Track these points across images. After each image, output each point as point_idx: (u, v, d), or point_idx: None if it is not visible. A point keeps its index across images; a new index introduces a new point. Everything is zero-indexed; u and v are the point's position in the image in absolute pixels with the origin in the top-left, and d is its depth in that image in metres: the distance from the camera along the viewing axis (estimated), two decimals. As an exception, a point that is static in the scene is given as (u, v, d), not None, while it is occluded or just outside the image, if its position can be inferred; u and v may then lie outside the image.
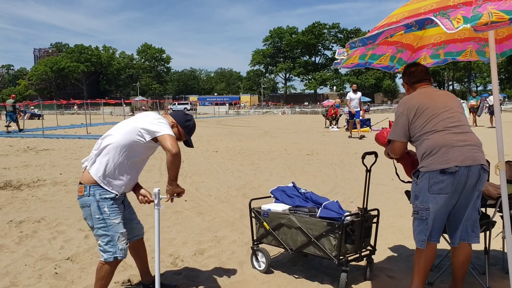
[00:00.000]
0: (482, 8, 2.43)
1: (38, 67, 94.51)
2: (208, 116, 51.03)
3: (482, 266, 3.82)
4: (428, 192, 3.07)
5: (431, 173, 3.05)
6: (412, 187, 3.24)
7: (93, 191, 3.17)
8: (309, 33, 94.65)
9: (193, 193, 7.29)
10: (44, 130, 20.63)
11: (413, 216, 3.22)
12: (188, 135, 3.43)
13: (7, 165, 10.48)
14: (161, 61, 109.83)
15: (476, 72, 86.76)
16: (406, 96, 3.36)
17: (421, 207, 3.13)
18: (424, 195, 3.10)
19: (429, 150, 3.07)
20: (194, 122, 3.49)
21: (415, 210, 3.18)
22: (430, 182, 3.05)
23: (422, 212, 3.13)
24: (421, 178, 3.12)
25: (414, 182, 3.21)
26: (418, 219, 3.17)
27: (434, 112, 3.14)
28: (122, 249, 3.18)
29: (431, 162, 3.05)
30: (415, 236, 3.22)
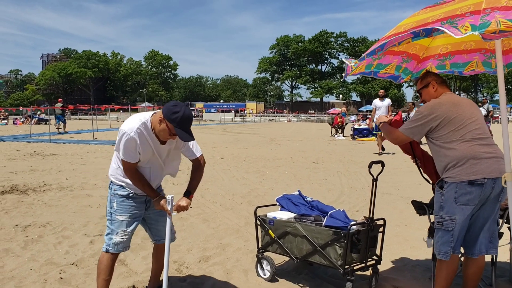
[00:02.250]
0: (490, 17, 2.43)
1: (46, 72, 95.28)
2: (214, 123, 51.12)
3: (489, 278, 3.79)
4: (454, 203, 3.03)
5: (459, 184, 3.02)
6: (437, 197, 3.17)
7: (111, 185, 3.34)
8: (315, 42, 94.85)
9: (198, 200, 7.29)
10: (51, 135, 20.74)
11: (437, 227, 3.15)
12: (180, 128, 3.06)
13: (14, 170, 10.54)
14: (168, 68, 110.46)
15: (483, 82, 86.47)
16: (435, 100, 3.25)
17: (446, 218, 3.08)
18: (450, 205, 3.05)
19: (456, 161, 3.05)
20: (185, 113, 3.06)
21: (440, 221, 3.12)
22: (458, 193, 3.02)
23: (448, 223, 3.07)
24: (447, 189, 3.07)
25: (439, 192, 3.14)
26: (443, 230, 3.10)
27: (462, 122, 3.11)
28: (116, 243, 3.24)
29: (459, 173, 3.02)
30: (437, 247, 3.15)
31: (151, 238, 3.57)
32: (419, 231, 5.38)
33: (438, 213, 3.13)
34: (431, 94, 3.35)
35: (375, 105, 13.84)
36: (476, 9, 2.54)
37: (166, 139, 3.24)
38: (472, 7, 2.58)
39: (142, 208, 3.38)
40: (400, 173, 10.15)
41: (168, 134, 3.14)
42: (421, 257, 4.58)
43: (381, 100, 13.77)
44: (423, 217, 3.89)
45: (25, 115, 44.15)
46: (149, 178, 3.34)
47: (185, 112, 3.06)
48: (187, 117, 3.07)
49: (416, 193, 7.60)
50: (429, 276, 3.94)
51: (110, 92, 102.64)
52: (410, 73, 3.96)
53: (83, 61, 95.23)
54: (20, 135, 23.41)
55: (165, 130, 3.12)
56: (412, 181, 8.88)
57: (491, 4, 2.54)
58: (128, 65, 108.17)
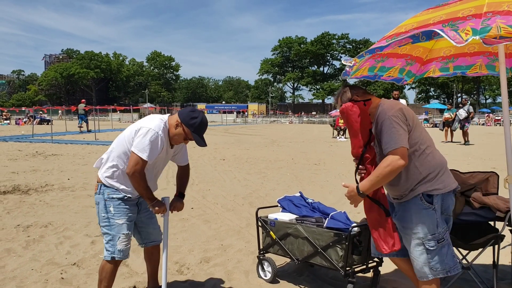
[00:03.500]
0: (491, 21, 2.43)
1: (48, 72, 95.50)
2: (215, 124, 51.12)
3: (490, 281, 3.78)
4: (442, 214, 2.83)
5: (445, 195, 2.81)
6: (429, 215, 2.79)
7: (103, 190, 3.25)
8: (318, 43, 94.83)
9: (200, 201, 7.29)
10: (53, 135, 20.77)
11: (440, 246, 2.80)
12: (197, 134, 3.16)
13: (15, 170, 10.56)
14: (170, 69, 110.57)
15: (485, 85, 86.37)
16: (390, 101, 2.88)
17: (442, 231, 2.82)
18: (440, 218, 2.82)
19: (438, 169, 2.82)
20: (203, 119, 3.18)
21: (441, 237, 2.80)
22: (445, 204, 2.83)
23: (446, 235, 2.84)
24: (437, 203, 2.79)
25: (430, 208, 2.78)
26: (444, 245, 2.82)
27: (420, 127, 2.84)
28: (121, 250, 3.22)
29: (445, 182, 2.82)
30: (445, 265, 2.83)
31: (140, 242, 3.52)
32: (420, 233, 5.36)
33: (435, 232, 2.79)
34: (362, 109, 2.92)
35: None
36: (477, 12, 2.54)
37: (178, 143, 3.29)
38: (474, 10, 2.57)
39: (135, 211, 3.36)
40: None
41: (183, 139, 3.21)
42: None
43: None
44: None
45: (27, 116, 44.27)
46: (150, 180, 3.33)
47: (203, 118, 3.18)
48: (205, 123, 3.21)
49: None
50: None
51: (112, 93, 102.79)
52: (413, 75, 3.96)
53: (85, 62, 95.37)
54: (22, 135, 23.48)
55: (181, 135, 3.19)
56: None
57: (492, 8, 2.54)
58: (130, 66, 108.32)
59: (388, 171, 2.62)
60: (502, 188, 3.50)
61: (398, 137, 2.64)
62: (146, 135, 3.08)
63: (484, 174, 3.79)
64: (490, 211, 3.56)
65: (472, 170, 4.00)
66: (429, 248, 2.81)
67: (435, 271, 2.84)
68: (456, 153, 15.25)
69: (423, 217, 2.78)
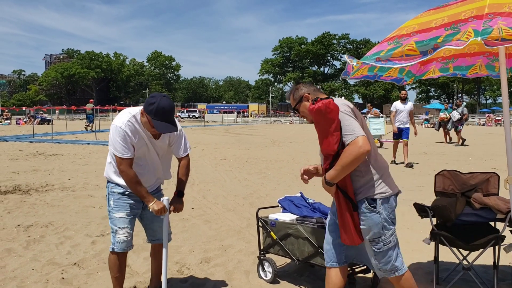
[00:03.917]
0: (493, 23, 2.43)
1: (49, 72, 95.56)
2: (216, 124, 51.15)
3: (491, 281, 3.78)
4: (388, 217, 2.81)
5: (390, 198, 2.83)
6: (374, 218, 2.78)
7: (108, 185, 3.38)
8: (318, 43, 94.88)
9: (200, 201, 7.29)
10: (54, 135, 20.78)
11: (387, 248, 2.84)
12: (157, 119, 2.99)
13: (16, 170, 10.57)
14: (170, 69, 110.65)
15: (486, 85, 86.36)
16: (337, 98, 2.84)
17: (391, 232, 2.84)
18: (387, 220, 2.81)
19: (381, 173, 2.82)
20: (160, 103, 2.98)
21: (388, 240, 2.83)
22: (390, 207, 2.82)
23: (393, 237, 2.86)
24: (381, 206, 2.79)
25: (375, 212, 2.78)
26: (391, 247, 2.86)
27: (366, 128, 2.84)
28: (120, 242, 3.28)
29: (389, 185, 2.83)
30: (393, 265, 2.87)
31: (147, 238, 3.58)
32: (421, 233, 5.36)
33: (385, 234, 2.80)
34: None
35: (395, 108, 12.07)
36: (479, 13, 2.54)
37: (153, 133, 3.21)
38: (475, 11, 2.57)
39: (139, 207, 3.38)
40: (402, 175, 10.13)
41: (150, 127, 3.11)
42: (423, 259, 4.58)
43: (402, 102, 12.02)
44: (425, 219, 3.89)
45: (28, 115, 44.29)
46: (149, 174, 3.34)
47: (160, 103, 2.99)
48: (162, 107, 2.98)
49: (418, 196, 7.58)
50: (431, 279, 3.94)
51: (112, 92, 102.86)
52: (413, 75, 3.96)
53: (86, 62, 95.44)
54: (23, 135, 23.49)
55: (146, 123, 3.10)
56: (414, 183, 8.86)
57: (494, 9, 2.54)
58: (131, 66, 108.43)
59: (352, 159, 2.62)
60: (502, 188, 3.51)
61: (355, 126, 2.67)
62: (112, 133, 3.14)
63: (484, 175, 3.79)
64: (491, 212, 3.56)
65: (472, 171, 4.00)
66: (376, 250, 2.85)
67: (383, 272, 2.90)
68: (457, 153, 15.24)
69: (368, 220, 2.79)
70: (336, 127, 2.69)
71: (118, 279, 3.39)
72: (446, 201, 3.71)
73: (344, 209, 2.82)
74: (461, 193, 3.78)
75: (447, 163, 12.29)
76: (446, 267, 4.24)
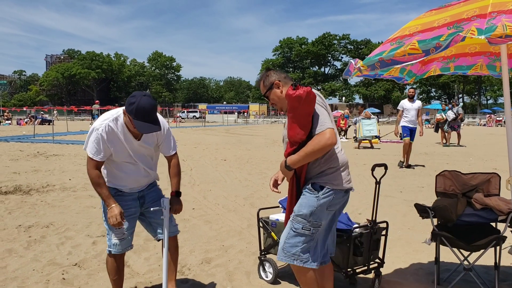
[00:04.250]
0: (497, 20, 2.42)
1: (50, 73, 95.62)
2: (217, 125, 51.16)
3: (492, 282, 3.78)
4: (326, 209, 2.82)
5: (337, 191, 2.83)
6: (310, 201, 2.81)
7: None
8: (319, 44, 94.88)
9: (201, 202, 7.29)
10: (54, 136, 20.79)
11: (302, 232, 2.83)
12: (137, 119, 2.91)
13: (17, 170, 10.57)
14: (171, 69, 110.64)
15: (487, 85, 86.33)
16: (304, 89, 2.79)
17: (314, 223, 2.82)
18: (321, 211, 2.81)
19: (339, 165, 2.85)
20: (139, 103, 2.89)
21: (308, 227, 2.81)
22: (334, 200, 2.83)
23: (314, 230, 2.83)
24: (325, 194, 2.80)
25: (314, 196, 2.81)
26: (307, 236, 2.83)
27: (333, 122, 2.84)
28: (115, 244, 3.26)
29: (341, 180, 2.84)
30: (298, 253, 2.84)
31: (153, 235, 3.46)
32: (422, 234, 5.36)
33: (307, 218, 2.80)
34: (280, 95, 2.97)
35: (402, 107, 11.46)
36: (482, 12, 2.53)
37: (136, 132, 3.14)
38: (478, 10, 2.57)
39: (135, 205, 3.34)
40: (403, 176, 10.13)
41: (132, 128, 3.05)
42: (424, 260, 4.57)
43: (410, 101, 11.43)
44: (426, 220, 3.88)
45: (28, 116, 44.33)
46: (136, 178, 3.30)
47: (140, 102, 2.89)
48: (142, 107, 2.88)
49: (419, 196, 7.58)
50: (432, 279, 3.93)
51: (113, 93, 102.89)
52: (414, 75, 3.96)
53: (86, 62, 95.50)
54: (23, 136, 23.50)
55: (129, 123, 3.04)
56: (415, 184, 8.86)
57: (497, 7, 2.54)
58: (132, 66, 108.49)
59: (318, 149, 2.65)
60: (503, 189, 3.50)
61: (326, 118, 2.69)
62: (89, 133, 3.14)
63: (485, 175, 3.79)
64: (492, 212, 3.56)
65: (473, 171, 4.00)
66: (292, 228, 2.86)
67: (285, 254, 2.87)
68: (457, 154, 15.23)
69: (305, 198, 2.83)
70: (309, 117, 2.69)
71: (116, 282, 3.38)
72: (447, 202, 3.71)
73: (294, 193, 2.88)
74: (462, 193, 3.77)
75: (448, 163, 12.29)
76: (447, 267, 4.23)
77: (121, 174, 3.26)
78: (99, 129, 3.08)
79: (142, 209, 3.41)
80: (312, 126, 2.69)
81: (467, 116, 62.04)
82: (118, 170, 3.26)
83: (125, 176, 3.27)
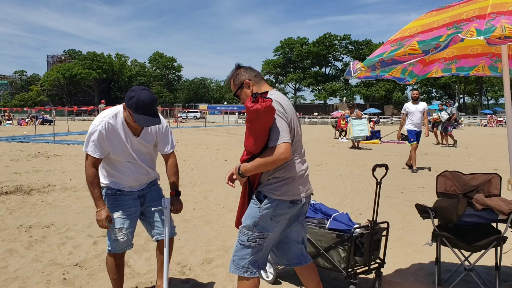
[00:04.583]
0: (496, 21, 2.43)
1: (51, 73, 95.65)
2: (217, 125, 51.16)
3: (493, 282, 3.78)
4: (270, 219, 2.74)
5: (281, 203, 2.74)
6: (253, 210, 2.78)
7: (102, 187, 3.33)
8: (319, 44, 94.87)
9: (202, 202, 7.29)
10: (55, 136, 20.81)
11: (247, 244, 2.79)
12: (137, 113, 2.94)
13: (18, 170, 10.58)
14: (172, 70, 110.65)
15: (488, 86, 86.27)
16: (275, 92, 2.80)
17: (260, 235, 2.77)
18: (265, 221, 2.75)
19: (288, 176, 2.75)
20: (139, 97, 2.93)
21: (253, 239, 2.77)
22: (277, 211, 2.74)
23: (260, 240, 2.78)
24: (268, 205, 2.73)
25: (257, 206, 2.75)
26: (254, 247, 2.79)
27: (296, 130, 2.82)
28: (116, 242, 3.27)
29: (286, 191, 2.74)
30: (248, 265, 2.80)
31: (152, 235, 3.46)
32: (422, 234, 5.36)
33: (251, 229, 2.77)
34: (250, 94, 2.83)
35: (406, 110, 11.04)
36: (481, 13, 2.54)
37: (136, 127, 3.16)
38: (478, 11, 2.58)
39: (136, 204, 3.35)
40: (404, 176, 10.13)
41: (132, 122, 3.06)
42: (424, 260, 4.57)
43: (414, 103, 10.98)
44: (426, 220, 3.88)
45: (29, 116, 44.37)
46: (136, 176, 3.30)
47: (139, 96, 2.93)
48: (142, 101, 2.92)
49: (420, 197, 7.58)
50: (432, 280, 3.93)
51: (114, 93, 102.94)
52: (415, 76, 3.96)
53: (87, 63, 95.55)
54: (24, 136, 23.52)
55: (129, 117, 3.05)
56: (416, 184, 8.86)
57: (496, 8, 2.54)
58: (133, 66, 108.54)
59: (270, 162, 2.60)
60: (504, 189, 3.50)
61: (283, 131, 2.61)
62: (89, 130, 3.16)
63: (486, 176, 3.79)
64: (493, 213, 3.56)
65: (474, 172, 4.00)
66: (239, 240, 2.84)
67: (235, 267, 2.84)
68: (458, 154, 15.23)
69: (249, 209, 2.80)
70: (267, 130, 2.62)
71: (117, 281, 3.39)
72: (447, 202, 3.71)
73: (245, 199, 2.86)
74: (463, 194, 3.78)
75: (449, 164, 12.28)
76: (448, 268, 4.23)
77: (121, 173, 3.27)
78: (99, 126, 3.10)
79: (143, 209, 3.41)
80: (269, 137, 2.62)
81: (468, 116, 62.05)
82: (117, 169, 3.27)
83: (125, 175, 3.28)
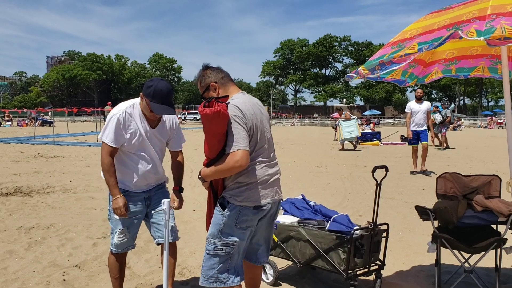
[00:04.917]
0: (496, 22, 2.43)
1: (51, 74, 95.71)
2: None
3: (493, 284, 3.77)
4: (234, 226, 2.67)
5: (244, 208, 2.66)
6: (216, 218, 2.72)
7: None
8: (320, 46, 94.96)
9: (202, 203, 7.28)
10: (55, 137, 20.80)
11: (214, 253, 2.70)
12: (155, 102, 3.02)
13: (18, 171, 10.57)
14: (172, 71, 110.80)
15: (488, 87, 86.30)
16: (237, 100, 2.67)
17: (226, 242, 2.68)
18: (230, 228, 2.68)
19: (250, 181, 2.66)
20: (157, 85, 3.02)
21: (220, 248, 2.68)
22: (240, 217, 2.66)
23: (228, 248, 2.68)
24: (230, 212, 2.66)
25: (220, 213, 2.69)
26: (221, 256, 2.69)
27: (262, 134, 2.72)
28: (117, 244, 3.29)
29: (248, 196, 2.66)
30: (217, 275, 2.71)
31: (154, 238, 3.45)
32: (422, 236, 5.36)
33: (216, 237, 2.69)
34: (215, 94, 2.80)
35: (410, 109, 10.77)
36: (481, 14, 2.54)
37: (153, 118, 3.22)
38: (478, 12, 2.58)
39: (141, 206, 3.35)
40: (404, 178, 10.12)
41: (149, 111, 3.12)
42: (424, 262, 4.57)
43: (418, 102, 10.73)
44: (426, 222, 3.88)
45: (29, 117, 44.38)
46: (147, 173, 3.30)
47: (157, 85, 3.03)
48: (160, 89, 3.02)
49: (420, 198, 7.58)
50: (432, 282, 3.93)
51: (114, 94, 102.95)
52: (415, 77, 3.96)
53: (87, 64, 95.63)
54: (24, 137, 23.53)
55: (146, 107, 3.11)
56: (416, 186, 8.85)
57: (496, 10, 2.54)
58: (133, 67, 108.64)
59: (226, 169, 2.56)
60: (504, 191, 3.50)
61: (239, 138, 2.54)
62: (107, 120, 3.18)
63: (486, 177, 3.78)
64: (493, 215, 3.55)
65: (474, 173, 4.00)
66: (206, 250, 2.76)
67: (204, 278, 2.75)
68: (458, 156, 15.22)
69: (214, 217, 2.75)
70: (221, 136, 2.57)
71: (117, 280, 3.41)
72: (447, 204, 3.70)
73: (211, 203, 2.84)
74: (463, 195, 3.77)
75: (449, 165, 12.28)
76: (448, 269, 4.23)
77: (130, 169, 3.26)
78: (117, 114, 3.14)
79: (147, 211, 3.42)
80: (226, 144, 2.57)
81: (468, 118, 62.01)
82: (127, 165, 3.26)
83: (134, 171, 3.26)
